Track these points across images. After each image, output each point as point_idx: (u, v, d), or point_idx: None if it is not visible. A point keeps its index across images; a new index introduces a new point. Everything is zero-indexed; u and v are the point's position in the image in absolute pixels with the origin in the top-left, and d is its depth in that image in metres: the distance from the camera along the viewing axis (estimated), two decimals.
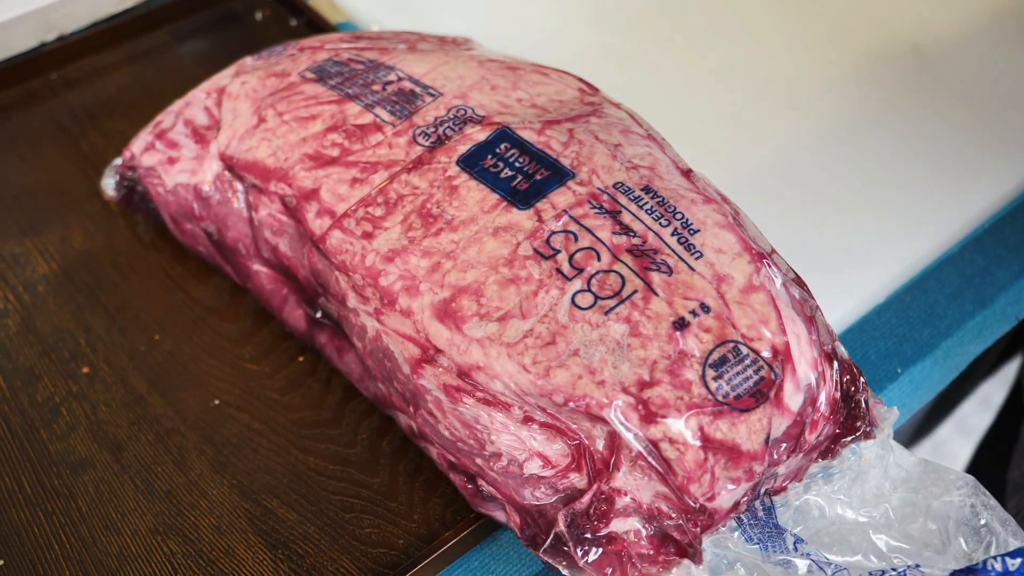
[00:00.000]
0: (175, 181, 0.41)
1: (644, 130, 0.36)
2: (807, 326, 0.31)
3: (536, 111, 0.37)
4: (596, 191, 0.33)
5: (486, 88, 0.38)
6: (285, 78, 0.41)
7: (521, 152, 0.34)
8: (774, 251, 0.33)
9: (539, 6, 0.56)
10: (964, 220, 0.45)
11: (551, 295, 0.30)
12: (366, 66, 0.40)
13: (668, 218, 0.32)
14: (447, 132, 0.36)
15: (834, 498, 0.32)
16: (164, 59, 0.51)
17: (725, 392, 0.29)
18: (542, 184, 0.33)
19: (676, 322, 0.29)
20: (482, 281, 0.31)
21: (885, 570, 0.29)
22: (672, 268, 0.31)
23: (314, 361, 0.40)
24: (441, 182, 0.34)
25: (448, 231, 0.33)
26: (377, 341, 0.34)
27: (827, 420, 0.31)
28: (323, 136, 0.37)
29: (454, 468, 0.33)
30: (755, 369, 0.29)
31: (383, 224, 0.34)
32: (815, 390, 0.30)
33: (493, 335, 0.30)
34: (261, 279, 0.40)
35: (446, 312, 0.31)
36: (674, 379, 0.29)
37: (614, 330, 0.29)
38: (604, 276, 0.31)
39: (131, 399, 0.39)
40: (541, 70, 0.40)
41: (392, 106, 0.37)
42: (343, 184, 0.36)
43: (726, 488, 0.29)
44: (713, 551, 0.30)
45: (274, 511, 0.36)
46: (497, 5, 0.56)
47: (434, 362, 0.31)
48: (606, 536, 0.29)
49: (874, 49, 0.53)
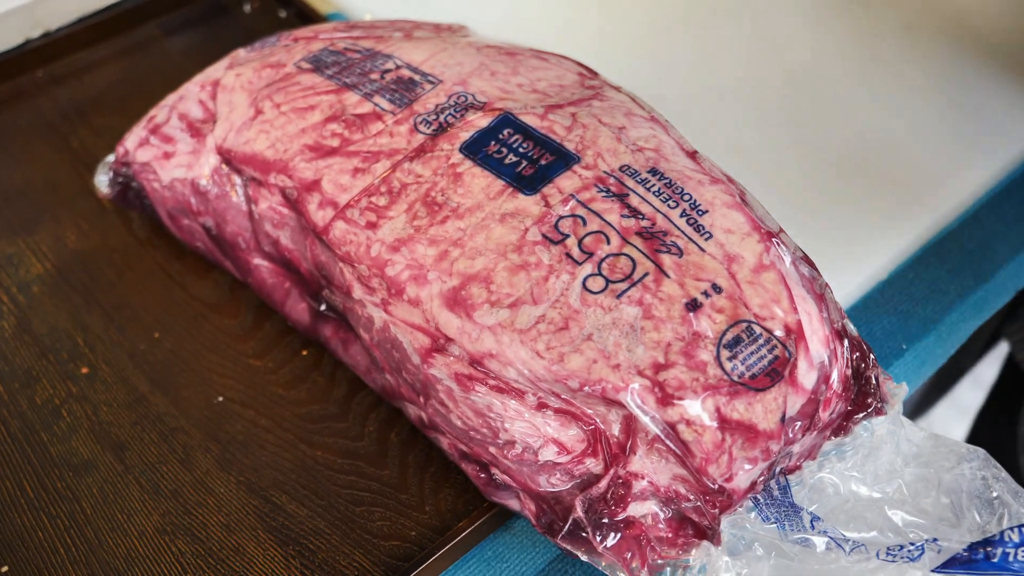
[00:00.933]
0: (171, 176, 0.40)
1: (647, 112, 0.36)
2: (818, 304, 0.31)
3: (537, 96, 0.36)
4: (603, 174, 0.32)
5: (486, 74, 0.37)
6: (281, 69, 0.40)
7: (525, 137, 0.34)
8: (782, 230, 0.33)
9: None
10: (963, 196, 0.46)
11: (562, 280, 0.30)
12: (363, 55, 0.40)
13: (676, 200, 0.32)
14: (448, 119, 0.35)
15: (848, 475, 0.32)
16: (153, 53, 0.51)
17: (740, 372, 0.28)
18: (547, 169, 0.33)
19: (689, 303, 0.29)
20: (491, 268, 0.31)
21: (904, 544, 0.29)
22: (683, 249, 0.30)
23: (318, 355, 0.40)
24: (445, 170, 0.34)
25: (454, 219, 0.33)
26: (385, 332, 0.33)
27: (840, 397, 0.31)
28: (322, 126, 0.37)
29: (466, 458, 0.33)
30: (769, 348, 0.29)
31: (387, 214, 0.34)
32: (828, 368, 0.30)
33: (505, 322, 0.30)
34: (262, 273, 0.39)
35: (456, 300, 0.31)
36: (689, 360, 0.28)
37: (627, 313, 0.29)
38: (615, 260, 0.30)
39: (133, 399, 0.38)
40: (540, 55, 0.39)
41: (391, 94, 0.37)
42: (345, 174, 0.35)
43: (743, 468, 0.29)
44: (731, 532, 0.30)
45: (283, 507, 0.35)
46: None
47: (445, 351, 0.31)
48: (624, 520, 0.29)
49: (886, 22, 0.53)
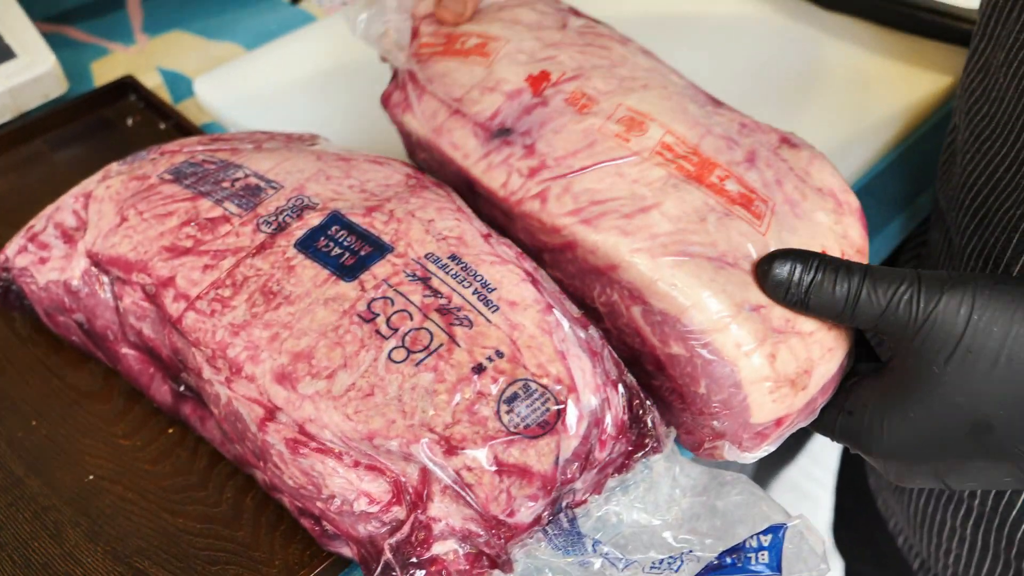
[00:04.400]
0: (47, 279, 0.45)
1: (456, 205, 0.42)
2: (592, 360, 0.37)
3: (364, 196, 0.43)
4: (411, 261, 0.38)
5: (322, 179, 0.44)
6: (146, 180, 0.45)
7: (349, 232, 0.40)
8: (564, 297, 0.39)
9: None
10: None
11: (371, 353, 0.36)
12: (218, 166, 0.45)
13: (470, 280, 0.38)
14: (286, 219, 0.41)
15: (632, 506, 0.38)
16: (41, 167, 0.56)
17: (516, 423, 0.34)
18: (366, 259, 0.39)
19: (474, 367, 0.35)
20: (314, 346, 0.36)
21: (664, 558, 0.35)
22: (472, 322, 0.36)
23: (182, 432, 0.44)
24: (281, 263, 0.40)
25: (286, 305, 0.38)
26: (229, 406, 0.38)
27: (615, 440, 0.37)
28: (178, 230, 0.42)
29: (303, 513, 0.38)
30: (543, 402, 0.35)
31: (231, 303, 0.39)
32: (599, 414, 0.36)
33: (322, 391, 0.35)
34: (129, 361, 0.44)
35: (284, 375, 0.36)
36: (472, 416, 0.34)
37: (423, 379, 0.35)
38: (416, 333, 0.36)
39: (9, 482, 0.42)
40: (375, 160, 0.46)
41: (239, 200, 0.43)
42: (196, 271, 0.40)
43: (525, 505, 0.34)
44: (524, 560, 0.35)
45: (146, 571, 0.39)
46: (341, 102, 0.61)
47: (275, 419, 0.36)
48: (429, 559, 0.34)
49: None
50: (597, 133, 0.42)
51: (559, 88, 0.44)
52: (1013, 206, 0.42)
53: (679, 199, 0.40)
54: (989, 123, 0.44)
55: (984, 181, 0.44)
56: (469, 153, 0.43)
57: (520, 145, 0.42)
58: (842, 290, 0.35)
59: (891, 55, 0.64)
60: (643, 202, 0.39)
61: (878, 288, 0.34)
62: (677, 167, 0.41)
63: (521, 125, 0.43)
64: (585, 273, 0.41)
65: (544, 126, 0.43)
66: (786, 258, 0.36)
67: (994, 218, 0.43)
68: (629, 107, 0.43)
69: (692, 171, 0.41)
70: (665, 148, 0.42)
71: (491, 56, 0.45)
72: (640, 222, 0.39)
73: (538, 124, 0.43)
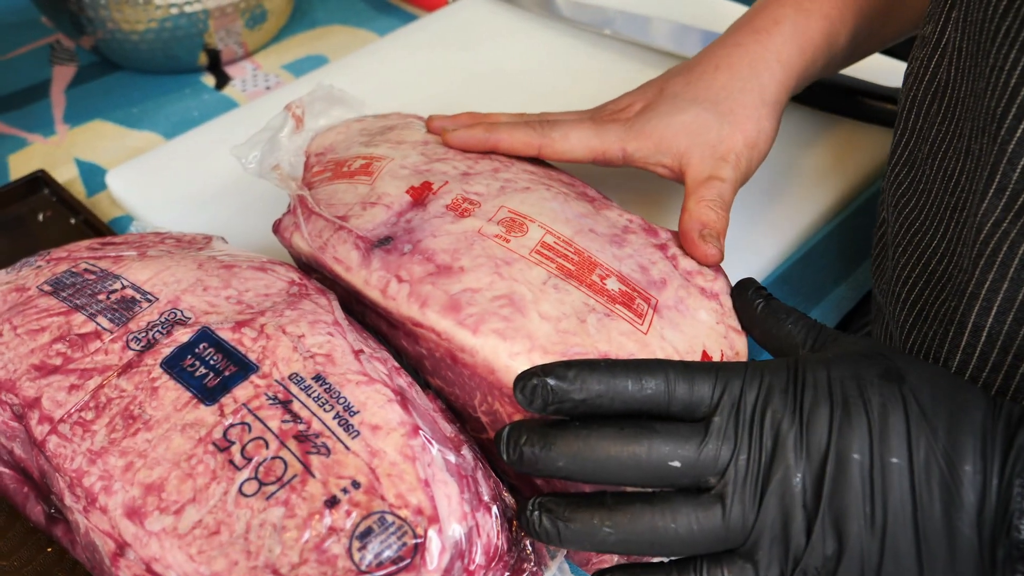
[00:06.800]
0: None
1: (333, 318, 0.41)
2: (460, 485, 0.35)
3: (239, 308, 0.41)
4: (274, 383, 0.37)
5: (199, 290, 0.43)
6: (24, 292, 0.44)
7: (216, 350, 0.39)
8: (440, 414, 0.38)
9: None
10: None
11: (221, 486, 0.34)
12: (97, 276, 0.44)
13: (332, 403, 0.36)
14: (156, 336, 0.40)
15: None
16: None
17: (369, 561, 0.32)
18: (229, 379, 0.37)
19: (328, 500, 0.33)
20: (165, 477, 0.35)
21: None
22: (331, 449, 0.35)
23: (61, 551, 0.42)
24: (145, 384, 0.38)
25: (144, 431, 0.37)
26: (87, 536, 0.37)
27: (486, 569, 0.35)
28: (49, 347, 0.41)
29: None
30: (399, 536, 0.33)
31: (92, 427, 0.38)
32: (465, 544, 0.34)
33: (168, 528, 0.34)
34: (4, 479, 0.43)
35: (133, 509, 0.35)
36: (321, 556, 0.32)
37: (273, 514, 0.33)
38: (271, 463, 0.35)
39: None
40: (259, 266, 0.45)
41: (112, 314, 0.42)
42: (62, 391, 0.39)
43: None
44: None
45: None
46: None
47: (125, 555, 0.34)
48: None
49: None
50: (476, 235, 0.41)
51: (440, 195, 0.43)
52: (949, 298, 0.40)
53: (559, 300, 0.39)
54: (919, 215, 0.43)
55: (919, 274, 0.42)
56: (351, 266, 0.42)
57: (400, 253, 0.41)
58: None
59: (821, 135, 0.63)
60: (522, 302, 0.38)
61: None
62: (558, 266, 0.40)
63: (402, 234, 0.42)
64: (465, 380, 0.40)
65: (424, 231, 0.42)
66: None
67: (931, 312, 0.41)
68: (510, 209, 0.42)
69: (572, 270, 0.40)
70: (545, 247, 0.41)
71: (375, 174, 0.45)
72: (519, 324, 0.38)
73: (418, 230, 0.42)
